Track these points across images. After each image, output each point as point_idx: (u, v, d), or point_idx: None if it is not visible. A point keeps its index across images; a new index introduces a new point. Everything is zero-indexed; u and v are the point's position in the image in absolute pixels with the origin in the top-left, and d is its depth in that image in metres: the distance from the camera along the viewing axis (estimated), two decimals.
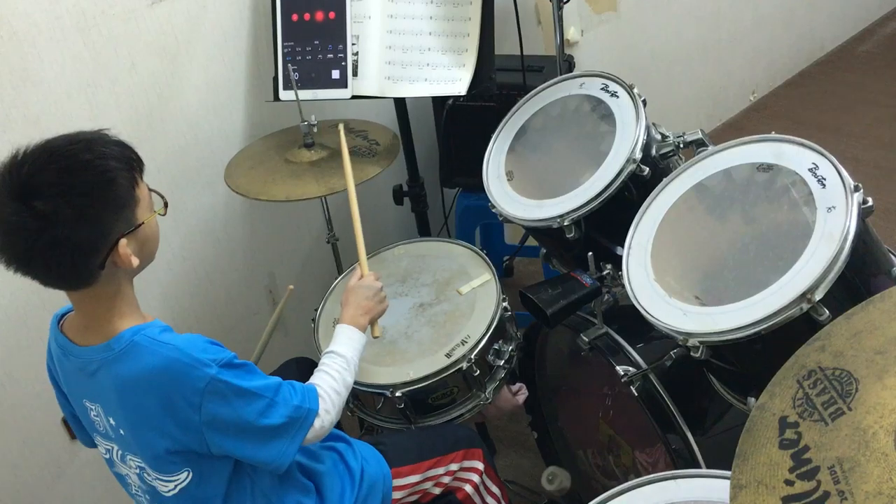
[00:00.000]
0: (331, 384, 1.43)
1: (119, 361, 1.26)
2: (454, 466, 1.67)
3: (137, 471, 1.38)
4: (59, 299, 1.39)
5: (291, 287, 1.81)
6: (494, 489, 1.74)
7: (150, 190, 1.32)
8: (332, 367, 1.47)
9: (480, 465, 1.70)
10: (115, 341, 1.27)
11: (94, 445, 1.48)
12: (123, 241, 1.23)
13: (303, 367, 1.84)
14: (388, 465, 1.62)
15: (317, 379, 1.44)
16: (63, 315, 1.38)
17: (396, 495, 1.61)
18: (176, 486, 1.35)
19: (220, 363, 1.26)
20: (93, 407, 1.35)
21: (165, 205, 1.35)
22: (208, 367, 1.24)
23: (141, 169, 1.28)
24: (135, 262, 1.26)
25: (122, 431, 1.33)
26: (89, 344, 1.30)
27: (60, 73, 1.89)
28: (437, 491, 1.67)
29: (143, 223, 1.27)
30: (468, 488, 1.68)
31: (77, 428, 1.51)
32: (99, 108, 1.96)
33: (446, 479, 1.67)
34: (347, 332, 1.55)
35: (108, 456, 1.43)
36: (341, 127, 1.92)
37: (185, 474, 1.34)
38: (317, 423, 1.36)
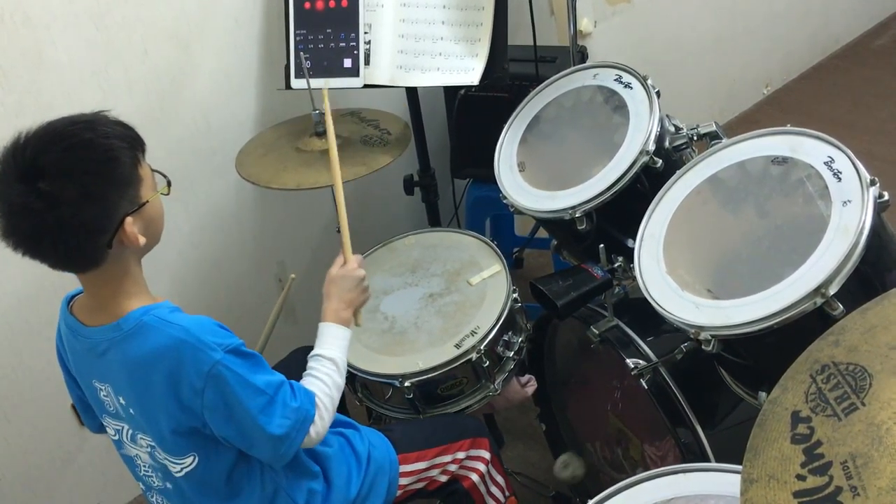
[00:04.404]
0: (323, 390, 1.42)
1: (128, 341, 1.27)
2: (461, 455, 1.67)
3: (148, 450, 1.38)
4: (69, 284, 1.39)
5: (293, 276, 1.80)
6: (499, 479, 1.74)
7: (153, 170, 1.32)
8: (322, 372, 1.44)
9: (487, 455, 1.70)
10: (123, 321, 1.27)
11: (101, 430, 1.49)
12: (129, 220, 1.23)
13: None
14: (396, 451, 1.63)
15: (308, 385, 1.42)
16: (73, 297, 1.39)
17: (403, 481, 1.62)
18: (182, 468, 1.36)
19: (227, 349, 1.26)
20: (102, 387, 1.36)
21: (168, 184, 1.35)
22: (214, 351, 1.25)
23: (143, 148, 1.28)
24: (141, 241, 1.26)
25: (131, 411, 1.34)
26: (99, 324, 1.30)
27: (73, 58, 1.89)
28: (444, 479, 1.67)
29: (147, 202, 1.27)
30: (474, 477, 1.68)
31: (84, 411, 1.51)
32: (111, 94, 1.96)
33: (453, 468, 1.67)
34: (332, 331, 1.51)
35: (116, 437, 1.43)
36: (326, 95, 1.81)
37: (191, 458, 1.34)
38: (312, 430, 1.36)
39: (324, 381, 1.43)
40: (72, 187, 1.17)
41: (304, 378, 1.45)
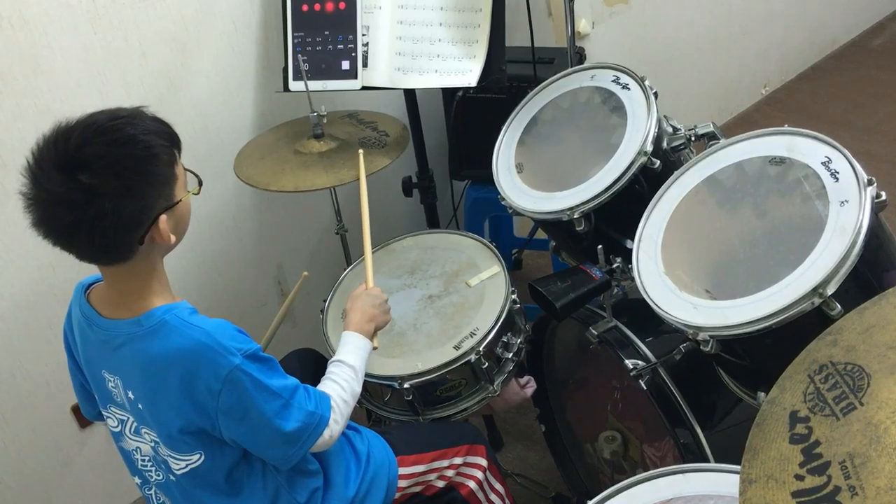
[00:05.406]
0: (340, 394, 1.44)
1: (147, 338, 1.27)
2: (458, 460, 1.68)
3: (152, 444, 1.39)
4: (67, 287, 1.39)
5: (306, 273, 1.80)
6: (498, 486, 1.74)
7: (186, 170, 1.32)
8: (341, 377, 1.47)
9: (484, 462, 1.70)
10: (145, 318, 1.28)
11: (99, 418, 1.49)
12: (164, 218, 1.24)
13: (304, 360, 1.85)
14: (394, 453, 1.63)
15: (326, 388, 1.44)
16: (90, 285, 1.38)
17: (401, 483, 1.62)
18: (187, 465, 1.36)
19: (246, 353, 1.27)
20: (112, 378, 1.36)
21: (200, 184, 1.36)
22: (233, 356, 1.25)
23: (179, 147, 1.29)
24: (173, 239, 1.27)
25: (140, 406, 1.34)
26: (118, 317, 1.31)
27: (71, 61, 1.89)
28: (441, 484, 1.67)
29: (180, 201, 1.28)
30: (472, 484, 1.68)
31: (83, 398, 1.52)
32: (109, 97, 1.96)
33: (450, 473, 1.67)
34: (354, 339, 1.54)
35: (118, 428, 1.43)
36: (361, 154, 1.90)
37: (197, 456, 1.35)
38: (326, 432, 1.37)
39: (342, 385, 1.45)
40: (114, 182, 1.17)
41: (324, 381, 1.47)
